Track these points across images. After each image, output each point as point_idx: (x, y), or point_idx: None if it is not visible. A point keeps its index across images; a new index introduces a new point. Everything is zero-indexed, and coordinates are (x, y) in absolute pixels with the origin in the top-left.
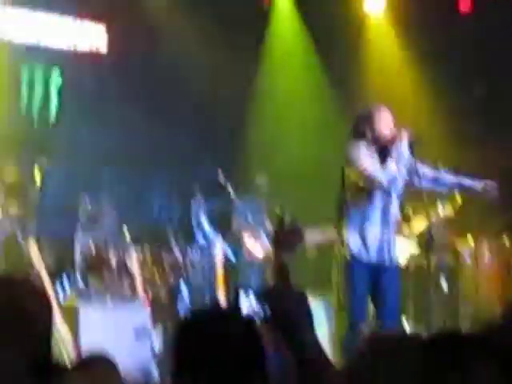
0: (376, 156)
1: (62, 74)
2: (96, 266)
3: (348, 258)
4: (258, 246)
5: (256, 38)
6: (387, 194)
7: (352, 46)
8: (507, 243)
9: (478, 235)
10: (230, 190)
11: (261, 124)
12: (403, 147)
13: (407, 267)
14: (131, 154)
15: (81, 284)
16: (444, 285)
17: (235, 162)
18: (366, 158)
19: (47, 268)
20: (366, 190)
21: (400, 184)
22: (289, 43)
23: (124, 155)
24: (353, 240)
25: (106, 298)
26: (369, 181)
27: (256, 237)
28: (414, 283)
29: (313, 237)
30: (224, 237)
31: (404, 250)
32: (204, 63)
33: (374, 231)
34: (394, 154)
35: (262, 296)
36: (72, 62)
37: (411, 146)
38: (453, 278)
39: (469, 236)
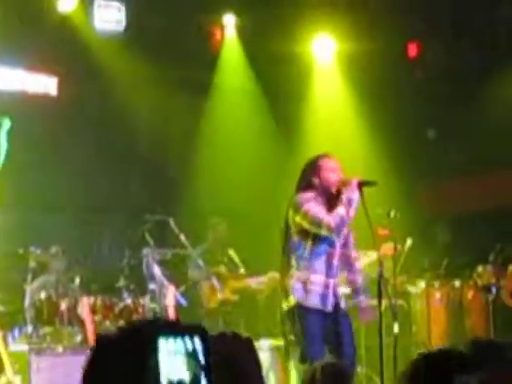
0: (324, 203)
1: (11, 119)
2: (47, 314)
3: (295, 304)
4: (214, 293)
5: (205, 82)
6: (332, 241)
7: (300, 91)
8: (457, 285)
9: (428, 277)
10: (182, 237)
11: (210, 168)
12: (353, 193)
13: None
14: (81, 201)
15: (32, 332)
16: (395, 327)
17: (186, 209)
18: (313, 204)
19: None
20: (311, 236)
21: (345, 230)
22: (237, 87)
23: (74, 202)
24: (297, 286)
25: (58, 346)
26: (316, 224)
27: (212, 284)
28: (364, 326)
29: (259, 282)
30: (176, 284)
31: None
32: (154, 108)
33: (316, 278)
34: (342, 199)
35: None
36: (22, 108)
37: (361, 191)
38: (404, 320)
39: (420, 278)
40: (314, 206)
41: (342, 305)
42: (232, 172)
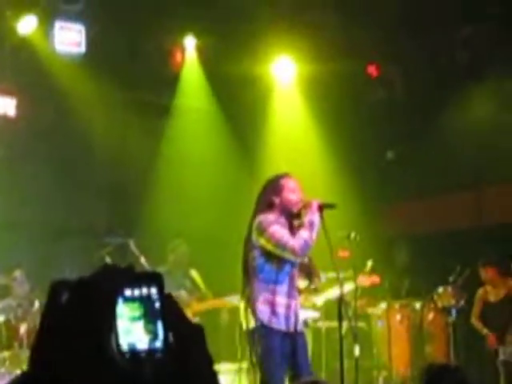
0: (285, 224)
1: None
2: (5, 338)
3: (259, 326)
4: None
5: (166, 104)
6: (293, 263)
7: (260, 112)
8: (417, 306)
9: (389, 299)
10: (143, 259)
11: (170, 189)
12: (314, 215)
13: (319, 332)
14: (42, 223)
15: None
16: (356, 349)
17: (146, 230)
18: (278, 228)
19: None
20: (275, 258)
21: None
22: (197, 109)
23: (32, 224)
24: (262, 308)
25: (16, 370)
26: (280, 247)
27: None
28: (325, 347)
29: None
30: None
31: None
32: (113, 130)
33: (281, 300)
34: (305, 221)
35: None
36: None
37: (321, 213)
38: (365, 342)
39: (380, 300)
40: (278, 229)
41: (300, 326)
42: (192, 193)
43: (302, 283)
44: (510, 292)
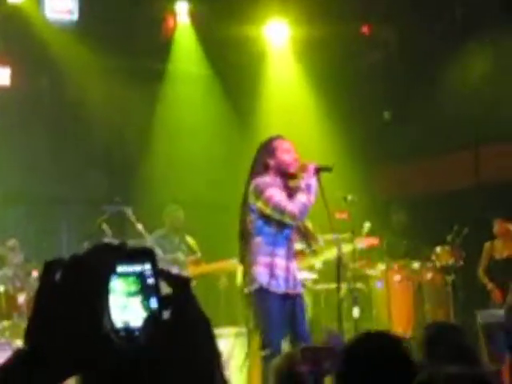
0: (282, 186)
1: None
2: (5, 308)
3: (258, 289)
4: None
5: (159, 70)
6: (292, 226)
7: (254, 76)
8: (416, 266)
9: (387, 260)
10: (140, 226)
11: (166, 156)
12: (310, 178)
13: (318, 295)
14: (38, 193)
15: None
16: (355, 311)
17: (144, 197)
18: (275, 190)
19: None
20: (273, 221)
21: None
22: (191, 74)
23: (30, 194)
24: (261, 271)
25: (16, 340)
26: (279, 211)
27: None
28: (325, 310)
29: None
30: None
31: (311, 279)
32: (108, 98)
33: (280, 262)
34: (302, 185)
35: None
36: None
37: (317, 176)
38: (364, 303)
39: (378, 261)
40: (276, 192)
41: (299, 288)
42: (188, 159)
43: (299, 245)
44: None
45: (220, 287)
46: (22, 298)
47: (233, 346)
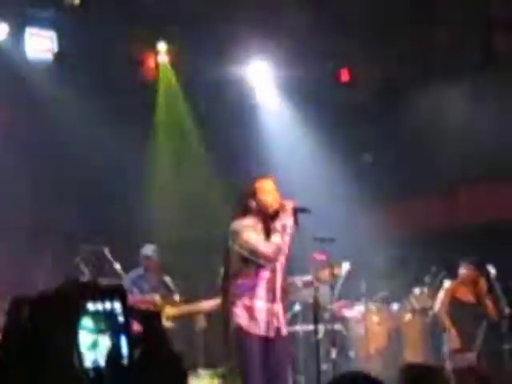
0: (261, 229)
1: None
2: None
3: (238, 331)
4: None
5: (138, 108)
6: (272, 267)
7: (237, 115)
8: (395, 308)
9: (366, 301)
10: (117, 266)
11: (144, 195)
12: (287, 218)
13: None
14: (15, 229)
15: None
16: (333, 352)
17: (121, 238)
18: (251, 233)
19: None
20: (252, 264)
21: (283, 257)
22: (171, 115)
23: (7, 229)
24: (240, 313)
25: None
26: (253, 253)
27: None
28: (303, 352)
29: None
30: None
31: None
32: (89, 137)
33: (260, 305)
34: (277, 224)
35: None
36: None
37: (295, 216)
38: (343, 344)
39: (357, 303)
40: (252, 234)
41: (284, 331)
42: (168, 199)
43: None
44: (479, 295)
45: (198, 329)
46: None
47: None
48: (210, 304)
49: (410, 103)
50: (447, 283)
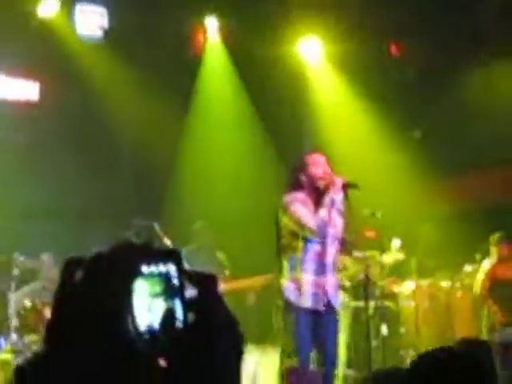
0: (311, 203)
1: None
2: (32, 322)
3: (286, 304)
4: None
5: (189, 85)
6: (322, 241)
7: (287, 93)
8: (445, 284)
9: (416, 278)
10: (168, 241)
11: (195, 173)
12: (336, 193)
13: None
14: (66, 207)
15: (16, 341)
16: (384, 329)
17: (171, 214)
18: (299, 206)
19: None
20: (300, 237)
21: (335, 229)
22: (221, 92)
23: (59, 208)
24: (289, 286)
25: None
26: (300, 226)
27: None
28: (353, 328)
29: (252, 283)
30: None
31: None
32: (137, 114)
33: (308, 278)
34: (326, 199)
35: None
36: (3, 113)
37: (345, 192)
38: (392, 321)
39: (408, 279)
40: (300, 207)
41: (334, 304)
42: (218, 175)
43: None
44: None
45: (248, 304)
46: (49, 312)
47: (259, 363)
48: (260, 280)
49: (461, 79)
50: (486, 264)
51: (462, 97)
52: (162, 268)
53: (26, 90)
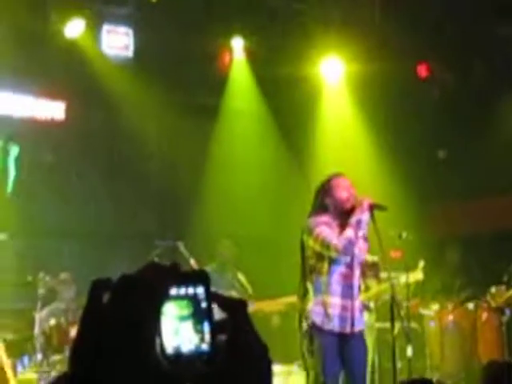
0: (336, 225)
1: (20, 145)
2: (56, 341)
3: (312, 327)
4: None
5: (213, 106)
6: (348, 263)
7: (309, 113)
8: (471, 306)
9: (441, 300)
10: (192, 261)
11: (219, 192)
12: (363, 214)
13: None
14: (90, 227)
15: (41, 360)
16: (409, 350)
17: (196, 233)
18: (324, 228)
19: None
20: (326, 259)
21: (360, 252)
22: (245, 111)
23: (83, 228)
24: (315, 309)
25: None
26: (325, 246)
27: None
28: (378, 349)
29: (276, 305)
30: None
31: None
32: (162, 133)
33: (334, 301)
34: (352, 219)
35: None
36: (30, 134)
37: (372, 213)
38: (418, 342)
39: (433, 301)
40: (324, 229)
41: (360, 326)
42: (242, 195)
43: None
44: None
45: (272, 326)
46: (73, 332)
47: None
48: (285, 301)
49: (486, 102)
50: None
51: (491, 119)
52: (190, 290)
53: (52, 109)
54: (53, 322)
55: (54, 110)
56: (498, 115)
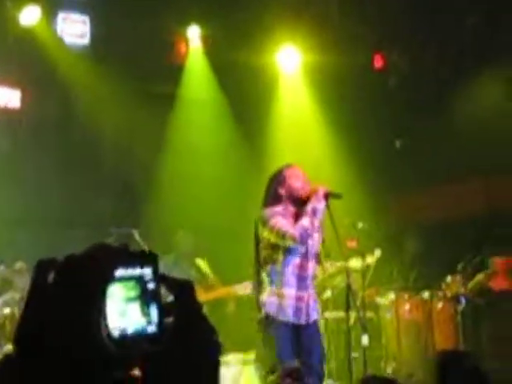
0: (291, 215)
1: None
2: (10, 330)
3: (266, 317)
4: None
5: (170, 95)
6: (303, 253)
7: (265, 102)
8: (426, 296)
9: (397, 290)
10: (147, 249)
11: (175, 181)
12: (318, 202)
13: (326, 324)
14: (46, 215)
15: None
16: (364, 339)
17: (152, 222)
18: (279, 218)
19: None
20: (281, 249)
21: (315, 241)
22: (202, 99)
23: (37, 216)
24: (269, 300)
25: None
26: (281, 236)
27: None
28: (334, 339)
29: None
30: None
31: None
32: (118, 121)
33: (289, 292)
34: (308, 209)
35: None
36: None
37: (327, 201)
38: (374, 332)
39: (389, 290)
40: (280, 219)
41: (315, 317)
42: (198, 183)
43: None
44: None
45: (228, 313)
46: None
47: (240, 373)
48: (240, 288)
49: (443, 92)
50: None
51: (447, 107)
52: (137, 271)
53: (7, 97)
54: (7, 311)
55: (9, 97)
56: (452, 104)
